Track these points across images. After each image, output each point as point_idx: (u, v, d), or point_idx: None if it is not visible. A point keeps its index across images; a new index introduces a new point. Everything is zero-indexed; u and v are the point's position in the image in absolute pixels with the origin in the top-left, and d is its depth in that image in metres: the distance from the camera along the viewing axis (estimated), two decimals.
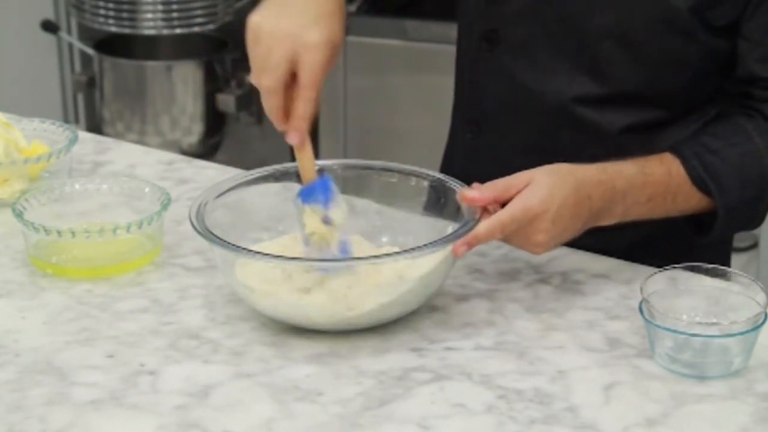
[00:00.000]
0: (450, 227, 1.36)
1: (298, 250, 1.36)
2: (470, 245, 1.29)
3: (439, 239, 1.30)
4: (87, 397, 1.20)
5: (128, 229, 1.42)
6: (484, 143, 1.58)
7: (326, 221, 1.34)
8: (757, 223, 1.47)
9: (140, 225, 1.43)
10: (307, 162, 1.36)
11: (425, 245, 1.28)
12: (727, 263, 1.63)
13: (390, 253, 1.32)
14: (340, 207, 1.35)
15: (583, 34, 1.46)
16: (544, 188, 1.31)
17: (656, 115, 1.49)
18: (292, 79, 1.31)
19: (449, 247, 1.29)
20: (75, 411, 1.18)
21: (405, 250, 1.30)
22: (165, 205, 1.46)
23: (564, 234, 1.33)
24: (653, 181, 1.39)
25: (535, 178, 1.31)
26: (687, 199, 1.42)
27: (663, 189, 1.40)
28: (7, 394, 1.21)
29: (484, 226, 1.30)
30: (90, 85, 3.43)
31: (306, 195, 1.35)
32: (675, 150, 1.42)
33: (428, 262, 1.30)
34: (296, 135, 1.32)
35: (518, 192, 1.31)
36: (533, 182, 1.31)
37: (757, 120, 1.43)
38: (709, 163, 1.41)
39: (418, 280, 1.29)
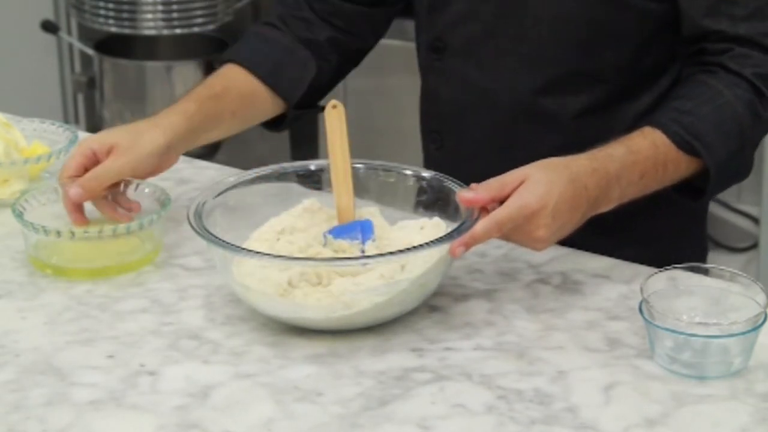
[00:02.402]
0: (448, 226, 1.36)
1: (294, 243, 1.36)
2: (467, 246, 1.29)
3: (436, 239, 1.30)
4: (87, 397, 1.20)
5: (128, 229, 1.42)
6: (447, 151, 1.59)
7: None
8: (744, 174, 1.47)
9: (140, 225, 1.43)
10: (348, 203, 1.38)
11: (422, 245, 1.28)
12: (703, 244, 1.65)
13: (386, 253, 1.32)
14: (374, 244, 1.36)
15: (521, 25, 1.48)
16: (540, 184, 1.31)
17: (607, 92, 1.50)
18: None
19: (446, 247, 1.29)
20: (75, 411, 1.18)
21: (401, 250, 1.30)
22: (165, 206, 1.46)
23: (564, 227, 1.33)
24: (642, 158, 1.39)
25: (530, 175, 1.31)
26: (676, 166, 1.42)
27: (652, 162, 1.40)
28: (7, 394, 1.21)
29: (481, 225, 1.29)
30: (90, 86, 3.43)
31: (340, 232, 1.36)
32: (652, 121, 1.43)
33: (425, 262, 1.30)
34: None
35: (514, 190, 1.31)
36: (529, 179, 1.31)
37: (719, 73, 1.44)
38: (688, 125, 1.41)
39: (413, 280, 1.29)
